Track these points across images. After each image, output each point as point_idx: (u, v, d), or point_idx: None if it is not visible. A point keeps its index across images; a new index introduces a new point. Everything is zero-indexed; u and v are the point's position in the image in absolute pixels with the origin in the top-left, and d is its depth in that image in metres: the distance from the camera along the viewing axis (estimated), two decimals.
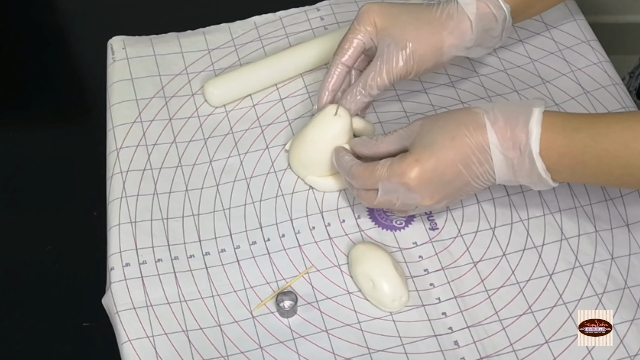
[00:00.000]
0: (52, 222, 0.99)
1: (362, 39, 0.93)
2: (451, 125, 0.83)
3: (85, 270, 0.95)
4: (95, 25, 1.15)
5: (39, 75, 1.11)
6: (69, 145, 1.05)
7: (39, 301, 0.94)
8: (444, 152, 0.82)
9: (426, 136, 0.84)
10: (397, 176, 0.83)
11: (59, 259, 0.96)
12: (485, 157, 0.82)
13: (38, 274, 0.96)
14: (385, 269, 0.86)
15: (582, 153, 0.80)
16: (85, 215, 0.99)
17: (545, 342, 0.84)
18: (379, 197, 0.85)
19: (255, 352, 0.84)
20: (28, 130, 1.09)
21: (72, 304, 0.94)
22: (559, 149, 0.80)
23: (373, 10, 0.92)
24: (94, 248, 0.93)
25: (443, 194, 0.84)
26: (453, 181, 0.83)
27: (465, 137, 0.82)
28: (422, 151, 0.83)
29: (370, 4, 0.93)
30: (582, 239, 0.90)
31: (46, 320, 0.93)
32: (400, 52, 0.91)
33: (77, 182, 1.02)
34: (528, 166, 0.81)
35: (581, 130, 0.80)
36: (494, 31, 0.93)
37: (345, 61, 0.94)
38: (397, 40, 0.91)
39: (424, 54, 0.91)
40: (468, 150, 0.82)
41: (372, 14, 0.92)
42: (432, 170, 0.82)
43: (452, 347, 0.84)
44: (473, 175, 0.83)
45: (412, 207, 0.86)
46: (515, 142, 0.81)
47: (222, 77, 1.01)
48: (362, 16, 0.93)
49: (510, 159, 0.82)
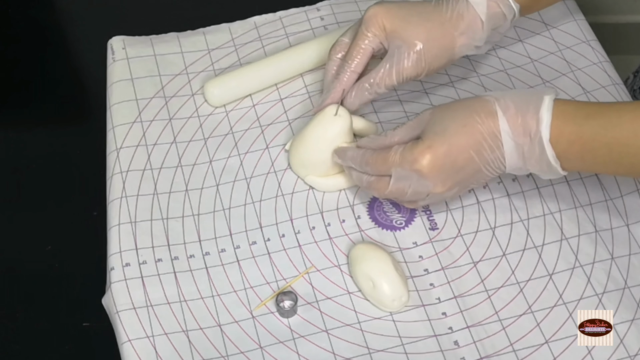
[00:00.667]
0: (52, 222, 0.99)
1: (370, 44, 0.92)
2: (462, 112, 0.84)
3: (85, 270, 0.95)
4: (95, 25, 1.14)
5: (38, 75, 1.11)
6: (68, 145, 1.05)
7: (39, 301, 0.94)
8: (456, 138, 0.83)
9: (438, 124, 0.84)
10: (409, 163, 0.83)
11: (59, 259, 0.96)
12: (496, 144, 0.82)
13: (38, 274, 0.96)
14: (385, 269, 0.86)
15: (592, 141, 0.80)
16: (85, 215, 0.98)
17: (545, 342, 0.84)
18: (391, 184, 0.85)
19: (255, 352, 0.84)
20: (28, 130, 1.08)
21: (72, 304, 0.94)
22: (569, 136, 0.80)
23: (380, 14, 0.91)
24: (94, 248, 0.93)
25: (455, 180, 0.84)
26: (465, 168, 0.83)
27: (477, 123, 0.82)
28: (434, 137, 0.83)
29: (376, 7, 0.92)
30: (582, 239, 0.90)
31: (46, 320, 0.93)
32: (412, 54, 0.90)
33: (77, 182, 1.02)
34: (538, 153, 0.82)
35: (591, 118, 0.80)
36: (501, 28, 0.93)
37: (355, 68, 0.93)
38: (408, 43, 0.90)
39: (436, 55, 0.91)
40: (479, 137, 0.82)
41: (380, 17, 0.91)
42: (444, 157, 0.83)
43: (452, 347, 0.84)
44: (484, 161, 0.83)
45: (424, 195, 0.86)
46: (525, 129, 0.81)
47: (222, 77, 1.01)
48: (369, 21, 0.92)
49: (521, 146, 0.82)
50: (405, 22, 0.91)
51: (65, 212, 1.00)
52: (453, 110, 0.85)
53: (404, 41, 0.90)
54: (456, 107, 0.85)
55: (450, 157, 0.83)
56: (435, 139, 0.83)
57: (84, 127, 1.08)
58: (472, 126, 0.82)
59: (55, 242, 0.97)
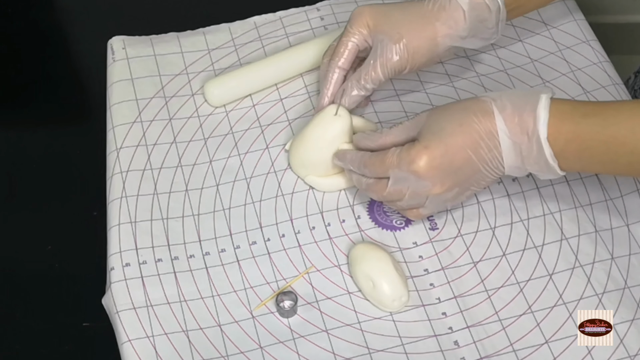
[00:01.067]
0: (52, 222, 0.99)
1: (356, 41, 0.94)
2: (459, 113, 0.84)
3: (85, 270, 0.95)
4: (95, 25, 1.14)
5: (38, 75, 1.11)
6: (68, 145, 1.04)
7: (39, 301, 0.94)
8: (453, 138, 0.83)
9: (434, 124, 0.84)
10: (406, 164, 0.83)
11: (59, 259, 0.96)
12: (493, 143, 0.82)
13: (38, 274, 0.96)
14: (385, 269, 0.86)
15: (590, 139, 0.80)
16: (85, 215, 0.98)
17: (545, 342, 0.84)
18: (389, 186, 0.85)
19: (256, 352, 0.84)
20: (27, 130, 1.08)
21: (72, 304, 0.94)
22: (566, 134, 0.80)
23: (365, 12, 0.93)
24: (94, 248, 0.93)
25: (453, 180, 0.84)
26: (463, 167, 0.83)
27: (474, 123, 0.82)
28: (430, 138, 0.83)
29: (362, 7, 0.94)
30: (582, 239, 0.90)
31: (46, 320, 0.93)
32: (394, 46, 0.91)
33: (77, 182, 1.02)
34: (536, 152, 0.82)
35: (589, 116, 0.80)
36: (488, 22, 0.93)
37: (342, 64, 0.94)
38: (390, 35, 0.92)
39: (418, 45, 0.92)
40: (476, 136, 0.82)
41: (365, 15, 0.93)
42: (441, 157, 0.83)
43: (452, 347, 0.84)
44: (482, 161, 0.83)
45: (423, 198, 0.86)
46: (523, 128, 0.81)
47: (222, 77, 1.01)
48: (354, 19, 0.94)
49: (519, 145, 0.82)
50: (387, 17, 0.93)
51: (65, 212, 1.00)
52: (450, 111, 0.85)
53: (386, 34, 0.92)
54: (453, 108, 0.85)
55: (448, 157, 0.83)
56: (432, 139, 0.83)
57: (84, 127, 1.08)
58: (468, 125, 0.83)
59: (55, 242, 0.97)
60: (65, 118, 1.09)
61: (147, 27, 1.08)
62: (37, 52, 1.13)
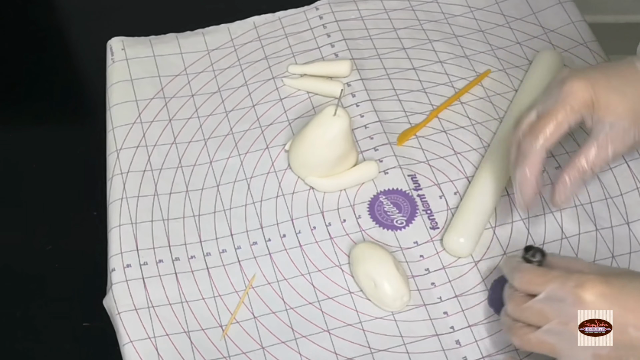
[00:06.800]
0: (52, 222, 0.99)
1: (572, 122, 0.82)
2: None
3: (85, 271, 0.94)
4: (95, 25, 1.14)
5: (38, 75, 1.10)
6: (68, 145, 1.04)
7: (39, 301, 0.94)
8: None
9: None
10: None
11: (59, 259, 0.96)
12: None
13: (38, 274, 0.96)
14: (386, 269, 0.86)
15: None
16: (85, 215, 0.98)
17: None
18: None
19: (257, 352, 0.84)
20: (27, 130, 1.08)
21: (72, 304, 0.93)
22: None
23: (583, 88, 0.81)
24: (94, 248, 0.93)
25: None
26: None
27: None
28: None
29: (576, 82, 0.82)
30: (582, 238, 0.90)
31: (46, 320, 0.93)
32: (633, 130, 0.82)
33: (77, 182, 1.02)
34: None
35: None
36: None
37: (550, 147, 0.83)
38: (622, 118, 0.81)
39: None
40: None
41: (585, 92, 0.81)
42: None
43: (454, 347, 0.84)
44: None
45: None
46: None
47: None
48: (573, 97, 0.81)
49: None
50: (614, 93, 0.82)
51: (66, 212, 0.99)
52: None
53: (618, 117, 0.81)
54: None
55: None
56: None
57: (84, 127, 1.08)
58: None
59: (55, 242, 0.97)
60: (65, 118, 1.09)
61: (146, 28, 1.08)
62: (37, 52, 1.13)
